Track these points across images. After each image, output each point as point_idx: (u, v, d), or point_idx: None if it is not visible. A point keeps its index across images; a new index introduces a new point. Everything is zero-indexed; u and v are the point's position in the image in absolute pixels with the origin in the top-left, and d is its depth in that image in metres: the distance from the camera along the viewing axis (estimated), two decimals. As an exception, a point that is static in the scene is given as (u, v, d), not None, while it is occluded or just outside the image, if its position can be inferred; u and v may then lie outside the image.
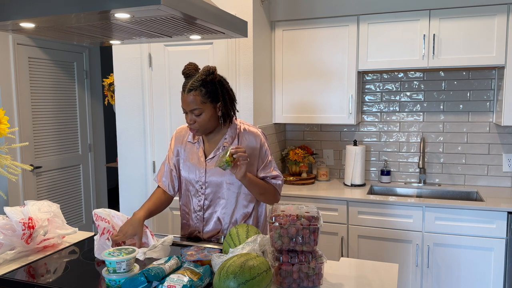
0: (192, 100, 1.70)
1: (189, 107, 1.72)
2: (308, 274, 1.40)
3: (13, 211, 1.70)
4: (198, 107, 1.71)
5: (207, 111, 1.73)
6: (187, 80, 1.73)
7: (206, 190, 1.84)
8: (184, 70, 1.76)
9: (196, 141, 1.88)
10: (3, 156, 1.77)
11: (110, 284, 1.35)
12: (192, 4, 1.40)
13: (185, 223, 1.95)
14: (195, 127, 1.75)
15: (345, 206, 2.83)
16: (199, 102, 1.70)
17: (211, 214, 1.85)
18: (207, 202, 1.84)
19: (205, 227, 1.87)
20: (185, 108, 1.74)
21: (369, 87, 3.32)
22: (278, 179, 1.86)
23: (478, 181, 3.11)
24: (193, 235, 1.92)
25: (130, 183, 3.17)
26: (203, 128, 1.76)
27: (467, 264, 2.62)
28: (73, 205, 4.19)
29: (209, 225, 1.86)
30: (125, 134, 3.15)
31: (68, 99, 4.09)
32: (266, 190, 1.81)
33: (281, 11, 3.11)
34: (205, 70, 1.71)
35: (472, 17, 2.73)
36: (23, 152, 3.62)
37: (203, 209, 1.85)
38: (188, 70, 1.75)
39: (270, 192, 1.83)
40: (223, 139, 1.83)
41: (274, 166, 1.87)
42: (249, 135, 1.84)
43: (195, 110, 1.72)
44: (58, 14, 1.32)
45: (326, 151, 3.47)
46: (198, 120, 1.73)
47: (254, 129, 1.86)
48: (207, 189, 1.83)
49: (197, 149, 1.87)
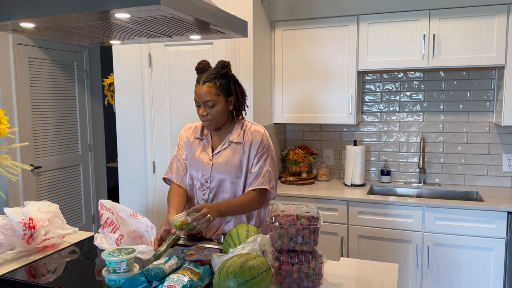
0: (207, 91, 1.75)
1: (203, 99, 1.76)
2: (308, 274, 1.40)
3: (13, 212, 1.70)
4: (212, 98, 1.76)
5: (220, 103, 1.78)
6: (201, 74, 1.79)
7: (211, 184, 1.86)
8: (197, 65, 1.83)
9: (204, 137, 1.91)
10: (3, 156, 1.77)
11: (110, 284, 1.35)
12: (192, 4, 1.40)
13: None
14: (208, 119, 1.79)
15: (345, 206, 2.83)
16: (213, 94, 1.76)
17: None
18: (212, 196, 1.87)
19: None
20: (199, 100, 1.78)
21: (369, 87, 3.32)
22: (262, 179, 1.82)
23: (478, 181, 3.11)
24: (195, 232, 1.92)
25: (130, 183, 3.17)
26: (216, 121, 1.80)
27: (467, 264, 2.62)
28: (73, 205, 4.19)
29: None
30: (125, 134, 3.15)
31: (68, 99, 4.09)
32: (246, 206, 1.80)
33: (281, 11, 3.11)
34: (220, 63, 1.77)
35: (472, 17, 2.73)
36: (23, 152, 3.62)
37: (207, 202, 1.87)
38: (202, 65, 1.82)
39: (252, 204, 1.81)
40: (229, 134, 1.86)
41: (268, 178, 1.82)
42: (252, 132, 1.86)
43: (209, 102, 1.76)
44: (58, 14, 1.32)
45: (326, 151, 3.47)
46: (211, 112, 1.78)
47: (258, 127, 1.90)
48: (212, 182, 1.86)
49: (205, 145, 1.90)
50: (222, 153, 1.85)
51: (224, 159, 1.83)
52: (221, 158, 1.84)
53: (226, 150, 1.85)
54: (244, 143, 1.84)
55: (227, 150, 1.84)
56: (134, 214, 1.72)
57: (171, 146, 3.04)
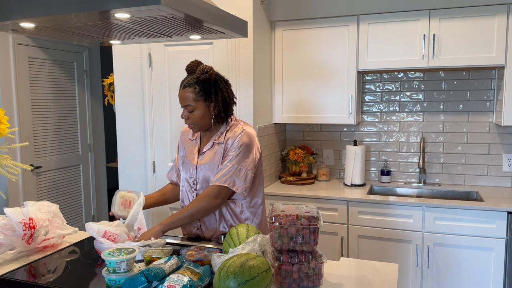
0: (186, 96, 1.78)
1: (183, 103, 1.80)
2: (308, 274, 1.40)
3: (13, 212, 1.71)
4: (191, 103, 1.78)
5: (199, 108, 1.79)
6: (188, 76, 1.81)
7: (197, 185, 1.87)
8: (187, 67, 1.83)
9: (194, 138, 1.94)
10: (3, 156, 1.77)
11: (110, 284, 1.35)
12: (192, 4, 1.40)
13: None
14: (189, 122, 1.83)
15: (345, 206, 2.83)
16: (191, 99, 1.78)
17: None
18: None
19: (202, 224, 1.88)
20: (180, 103, 1.82)
21: (369, 87, 3.32)
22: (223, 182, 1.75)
23: (478, 181, 3.11)
24: (193, 233, 1.93)
25: (130, 183, 3.17)
26: (197, 125, 1.82)
27: (467, 264, 2.62)
28: (73, 205, 4.19)
29: (207, 221, 1.87)
30: (125, 134, 3.15)
31: (68, 99, 4.09)
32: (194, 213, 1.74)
33: (281, 11, 3.11)
34: (200, 69, 1.76)
35: (472, 17, 2.73)
36: (23, 152, 3.62)
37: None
38: (190, 67, 1.82)
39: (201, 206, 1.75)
40: (215, 135, 1.87)
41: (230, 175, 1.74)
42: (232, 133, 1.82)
43: (188, 106, 1.79)
44: (58, 14, 1.33)
45: (326, 151, 3.47)
46: (191, 116, 1.80)
47: (241, 128, 1.83)
48: (197, 184, 1.87)
49: (193, 146, 1.93)
50: (206, 154, 1.87)
51: (207, 160, 1.85)
52: (205, 159, 1.86)
53: (210, 150, 1.86)
54: (224, 142, 1.83)
55: (211, 151, 1.86)
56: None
57: (171, 146, 3.04)
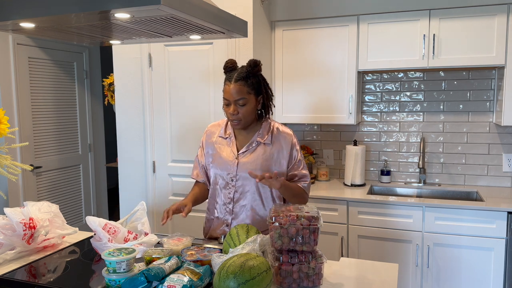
0: (239, 90, 1.77)
1: (234, 97, 1.78)
2: (308, 274, 1.40)
3: (13, 212, 1.71)
4: (244, 97, 1.78)
5: (250, 102, 1.80)
6: (232, 72, 1.81)
7: (237, 182, 1.87)
8: (226, 64, 1.84)
9: (228, 136, 1.93)
10: (3, 156, 1.77)
11: (110, 284, 1.35)
12: (192, 4, 1.40)
13: (210, 218, 1.97)
14: (238, 117, 1.81)
15: (345, 206, 2.83)
16: (245, 92, 1.78)
17: (241, 206, 1.88)
18: (237, 195, 1.88)
19: (234, 220, 1.89)
20: (229, 98, 1.79)
21: (369, 87, 3.32)
22: (305, 180, 1.91)
23: (478, 181, 3.11)
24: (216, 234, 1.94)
25: (130, 183, 3.17)
26: (245, 120, 1.82)
27: (467, 264, 2.62)
28: (73, 205, 4.19)
29: (238, 218, 1.88)
30: (125, 134, 3.15)
31: (68, 99, 4.09)
32: (297, 193, 1.86)
33: (281, 11, 3.11)
34: (251, 62, 1.79)
35: (472, 17, 2.73)
36: (23, 152, 3.62)
37: (233, 201, 1.88)
38: (230, 64, 1.84)
39: (300, 195, 1.88)
40: (257, 134, 1.88)
41: (303, 165, 1.92)
42: (281, 134, 1.89)
43: (240, 100, 1.78)
44: (58, 14, 1.32)
45: (326, 151, 3.47)
46: (241, 110, 1.79)
47: (287, 129, 1.92)
48: (237, 181, 1.87)
49: (228, 144, 1.91)
50: (249, 153, 1.86)
51: (251, 159, 1.85)
52: (247, 158, 1.85)
53: (253, 149, 1.86)
54: (272, 144, 1.86)
55: (255, 150, 1.86)
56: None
57: (171, 146, 3.04)
